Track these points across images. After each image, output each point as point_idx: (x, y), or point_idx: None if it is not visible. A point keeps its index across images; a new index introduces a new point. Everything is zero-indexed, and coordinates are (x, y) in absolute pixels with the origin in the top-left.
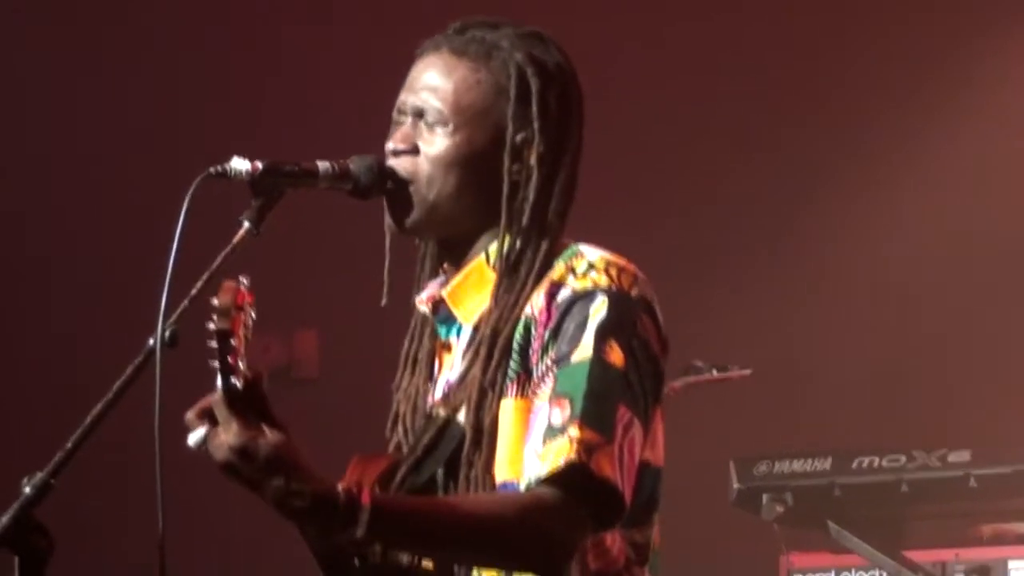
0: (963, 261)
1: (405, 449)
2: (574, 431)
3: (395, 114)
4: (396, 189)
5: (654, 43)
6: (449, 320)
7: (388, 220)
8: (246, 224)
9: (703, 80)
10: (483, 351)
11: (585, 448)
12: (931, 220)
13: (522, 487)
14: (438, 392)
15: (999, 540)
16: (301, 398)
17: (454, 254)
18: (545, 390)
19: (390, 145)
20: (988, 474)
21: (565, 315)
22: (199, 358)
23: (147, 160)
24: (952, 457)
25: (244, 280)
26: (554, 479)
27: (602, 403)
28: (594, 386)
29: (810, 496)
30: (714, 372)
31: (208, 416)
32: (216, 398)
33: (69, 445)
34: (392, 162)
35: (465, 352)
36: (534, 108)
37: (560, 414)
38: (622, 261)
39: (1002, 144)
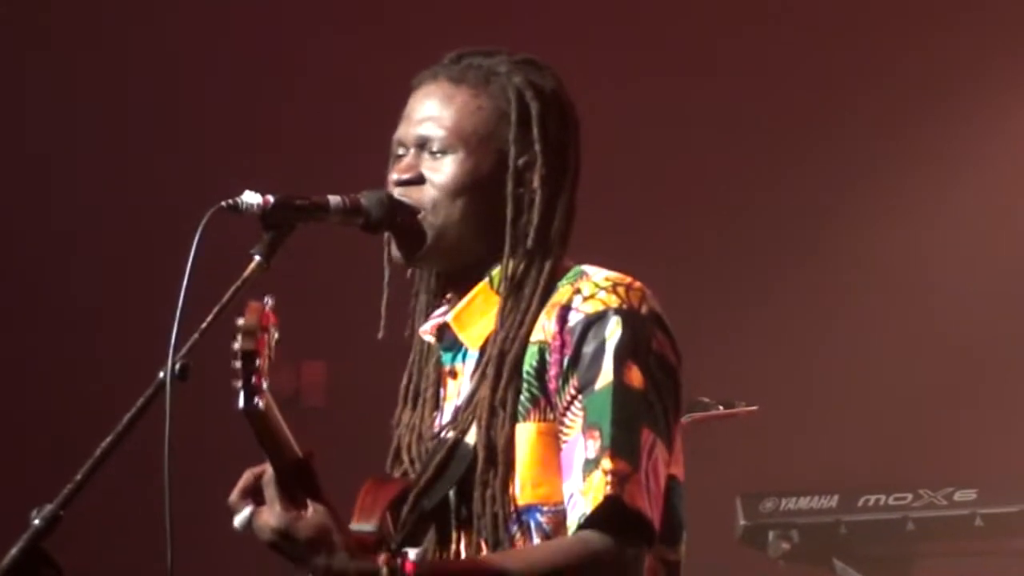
0: (970, 301)
1: (411, 477)
2: (607, 463)
3: (395, 147)
4: (405, 221)
5: (665, 60)
6: (454, 346)
7: (393, 253)
8: (257, 258)
9: (714, 106)
10: (491, 372)
11: (619, 480)
12: (937, 258)
13: (571, 526)
14: (446, 418)
15: None
16: (308, 427)
17: (458, 284)
18: (575, 421)
19: (394, 176)
20: (994, 513)
21: (582, 341)
22: (210, 391)
23: (157, 194)
24: (958, 496)
25: (269, 300)
26: (597, 518)
27: (627, 430)
28: (618, 413)
29: (816, 533)
30: (720, 408)
31: (252, 495)
32: (266, 477)
33: (79, 477)
34: (398, 192)
35: (472, 376)
36: (535, 131)
37: (593, 446)
38: (627, 279)
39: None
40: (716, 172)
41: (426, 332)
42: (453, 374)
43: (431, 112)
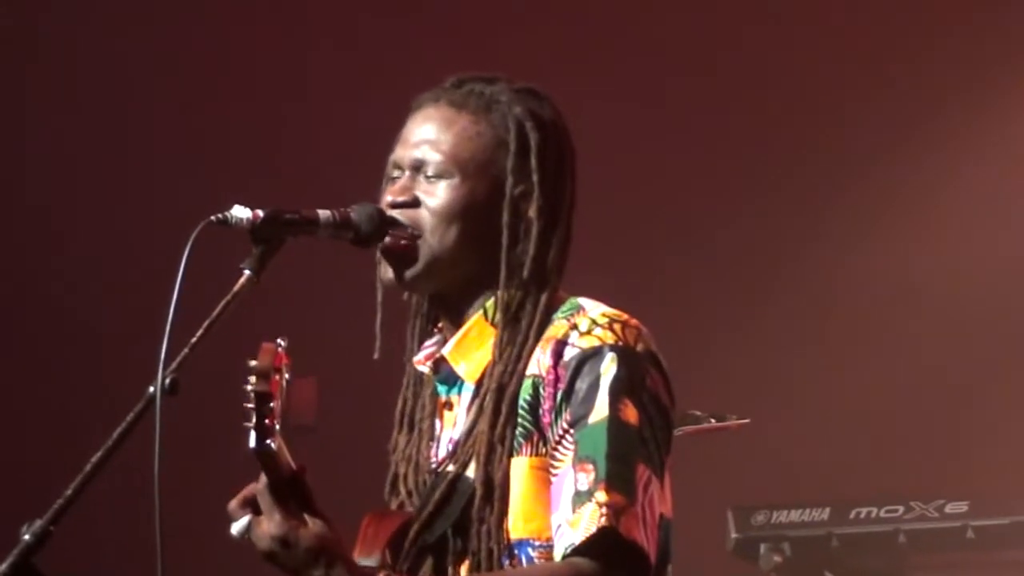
0: (960, 313)
1: (408, 508)
2: (601, 495)
3: (390, 168)
4: (396, 241)
5: (648, 81)
6: (450, 379)
7: (385, 274)
8: (247, 272)
9: (703, 116)
10: (489, 406)
11: (614, 512)
12: (930, 265)
13: (557, 556)
14: (442, 450)
15: None
16: (298, 446)
17: (451, 311)
18: (566, 454)
19: (388, 199)
20: (986, 525)
21: (576, 376)
22: (198, 406)
23: (148, 208)
24: (950, 508)
25: (282, 342)
26: (588, 547)
27: (623, 464)
28: (614, 448)
29: (808, 546)
30: (712, 421)
31: (251, 505)
32: (260, 487)
33: (69, 492)
34: (392, 213)
35: (469, 408)
36: (533, 162)
37: (585, 479)
38: (624, 315)
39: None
40: (706, 187)
41: (420, 363)
42: (449, 406)
43: (429, 135)
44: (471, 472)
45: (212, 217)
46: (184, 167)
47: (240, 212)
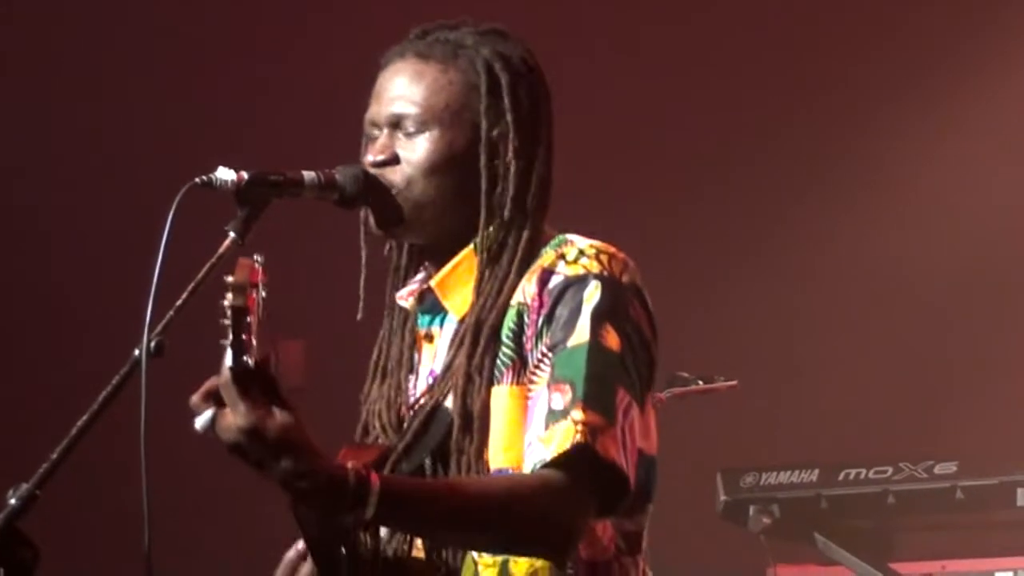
0: (950, 272)
1: (384, 441)
2: (577, 414)
3: (367, 127)
4: (381, 197)
5: (643, 40)
6: (434, 310)
7: (371, 225)
8: (231, 234)
9: (689, 78)
10: (468, 339)
11: (590, 431)
12: (919, 229)
13: (526, 470)
14: (421, 383)
15: None
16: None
17: (437, 255)
18: (542, 376)
19: (369, 158)
20: (974, 486)
21: (558, 301)
22: (185, 368)
23: (130, 171)
24: (939, 469)
25: (259, 258)
26: (560, 462)
27: (603, 386)
28: (594, 369)
29: (797, 508)
30: (700, 383)
31: (215, 398)
32: (224, 380)
33: (54, 456)
34: (375, 173)
35: (451, 343)
36: (506, 102)
37: (561, 398)
38: (611, 248)
39: (1002, 142)
40: (696, 147)
41: (403, 298)
42: (429, 338)
43: (401, 90)
44: (450, 403)
45: (196, 179)
46: (166, 129)
47: (224, 174)
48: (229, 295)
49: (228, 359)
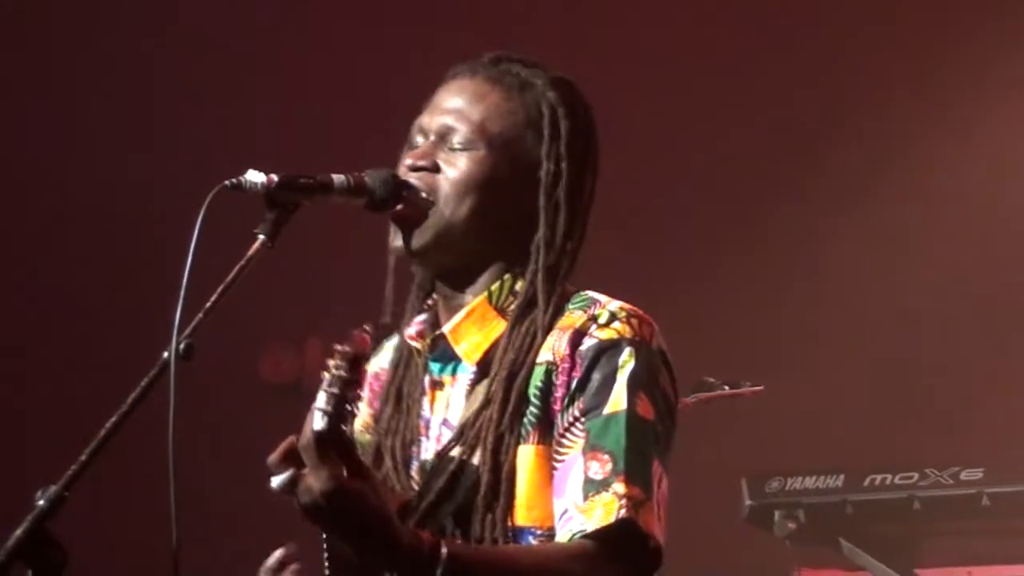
0: (978, 275)
1: (394, 485)
2: (620, 487)
3: (414, 133)
4: (409, 208)
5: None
6: (445, 357)
7: (395, 242)
8: (261, 237)
9: (691, 83)
10: (499, 394)
11: (633, 504)
12: (942, 233)
13: (561, 539)
14: (433, 430)
15: None
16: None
17: (451, 284)
18: (575, 441)
19: (408, 161)
20: (1001, 492)
21: (593, 365)
22: (212, 371)
23: (162, 173)
24: (965, 475)
25: (368, 329)
26: (602, 535)
27: (641, 459)
28: (633, 441)
29: (822, 513)
30: (726, 388)
31: (293, 460)
32: (306, 442)
33: (83, 457)
34: (409, 176)
35: (469, 392)
36: (563, 148)
37: (600, 468)
38: (639, 311)
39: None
40: (711, 156)
41: (412, 338)
42: (440, 385)
43: (460, 105)
44: (476, 459)
45: (226, 181)
46: (194, 131)
47: (254, 176)
48: (342, 364)
49: (318, 422)
